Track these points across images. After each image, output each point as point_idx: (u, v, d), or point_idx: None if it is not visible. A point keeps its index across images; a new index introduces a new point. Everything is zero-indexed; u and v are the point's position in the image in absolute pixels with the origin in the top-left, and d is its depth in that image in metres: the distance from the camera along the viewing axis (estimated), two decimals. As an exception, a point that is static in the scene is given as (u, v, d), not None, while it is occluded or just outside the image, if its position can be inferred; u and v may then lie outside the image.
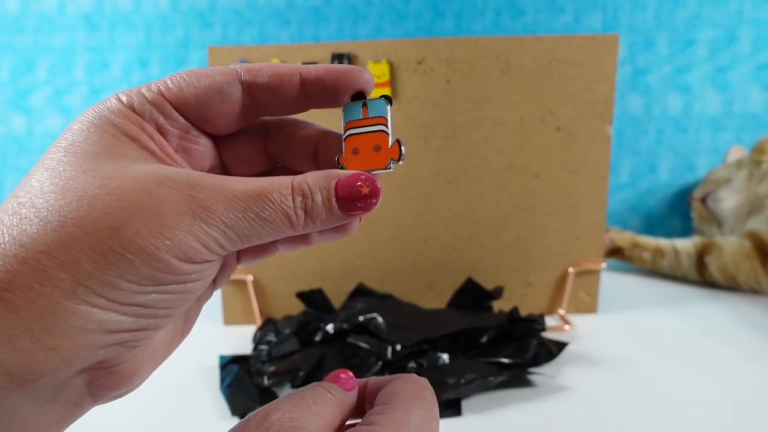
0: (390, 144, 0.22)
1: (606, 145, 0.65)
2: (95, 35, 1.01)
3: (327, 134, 0.24)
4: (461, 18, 0.97)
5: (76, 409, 0.19)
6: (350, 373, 0.24)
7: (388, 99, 0.22)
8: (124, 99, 0.20)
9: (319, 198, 0.20)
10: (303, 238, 0.24)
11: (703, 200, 0.86)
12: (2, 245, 0.16)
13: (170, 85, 0.21)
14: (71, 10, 1.00)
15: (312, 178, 0.20)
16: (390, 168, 0.22)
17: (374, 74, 0.64)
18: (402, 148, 0.22)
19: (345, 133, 0.22)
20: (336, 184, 0.20)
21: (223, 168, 0.24)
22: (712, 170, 0.89)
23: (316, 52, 0.64)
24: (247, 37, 0.99)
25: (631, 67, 0.95)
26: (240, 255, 0.24)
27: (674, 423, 0.45)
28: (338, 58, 0.64)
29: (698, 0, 0.93)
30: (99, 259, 0.16)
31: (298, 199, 0.19)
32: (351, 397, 0.23)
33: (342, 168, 0.22)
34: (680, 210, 0.98)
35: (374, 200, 0.20)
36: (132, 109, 0.20)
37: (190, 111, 0.21)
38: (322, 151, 0.24)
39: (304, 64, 0.23)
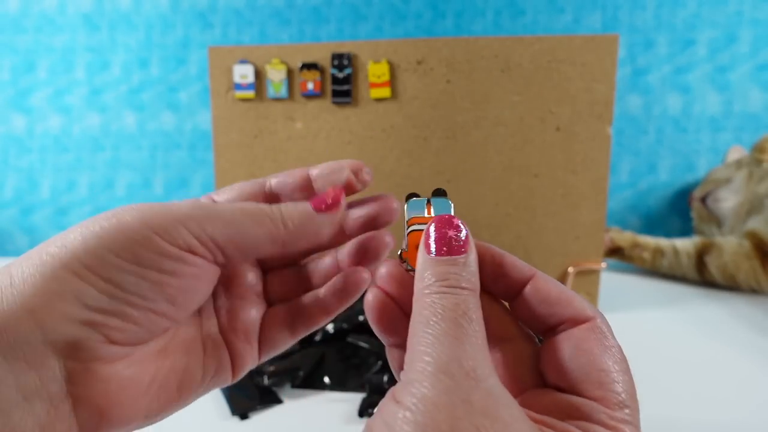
0: None
1: (606, 145, 0.65)
2: (95, 35, 1.01)
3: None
4: (461, 18, 0.97)
5: (57, 420, 0.19)
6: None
7: (445, 193, 0.23)
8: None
9: (293, 204, 0.23)
10: (323, 310, 0.26)
11: (703, 200, 0.86)
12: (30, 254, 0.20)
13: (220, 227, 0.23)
14: (71, 10, 1.00)
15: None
16: None
17: (374, 74, 0.64)
18: None
19: (408, 228, 0.23)
20: (312, 200, 0.23)
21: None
22: (712, 170, 0.89)
23: (316, 51, 0.64)
24: (247, 37, 0.99)
25: (631, 67, 0.95)
26: (260, 351, 0.26)
27: (674, 423, 0.45)
28: (338, 57, 0.64)
29: (698, 0, 0.93)
30: (96, 232, 0.19)
31: (275, 206, 0.23)
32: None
33: (405, 262, 0.23)
34: (680, 210, 0.98)
35: (336, 199, 0.23)
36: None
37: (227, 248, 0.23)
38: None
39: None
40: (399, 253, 0.23)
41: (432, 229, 0.21)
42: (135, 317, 0.20)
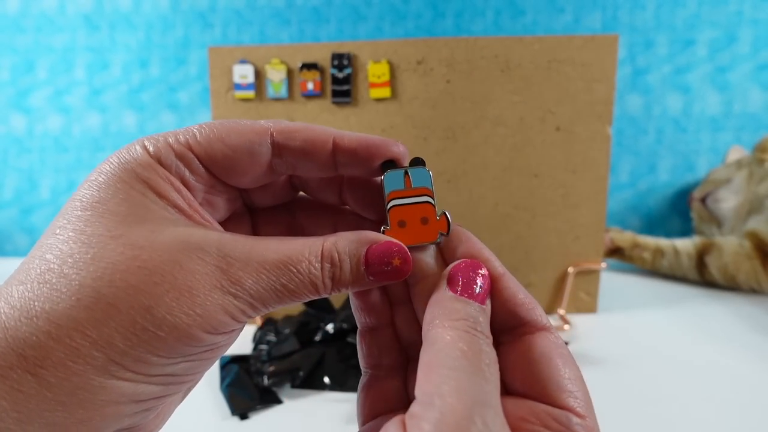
0: (437, 216, 0.22)
1: (606, 145, 0.65)
2: (95, 35, 1.01)
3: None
4: (461, 18, 0.97)
5: None
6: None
7: (422, 162, 0.22)
8: (151, 149, 0.20)
9: (347, 266, 0.20)
10: None
11: (703, 200, 0.86)
12: (34, 319, 0.16)
13: (199, 139, 0.20)
14: (71, 10, 1.00)
15: (343, 243, 0.20)
16: (439, 241, 0.22)
17: (374, 74, 0.64)
18: (449, 219, 0.22)
19: (388, 203, 0.22)
20: (367, 251, 0.20)
21: (245, 201, 0.24)
22: (712, 170, 0.89)
23: (316, 52, 0.64)
24: (247, 37, 0.99)
25: (631, 67, 0.95)
26: None
27: (674, 423, 0.45)
28: (338, 57, 0.64)
29: (698, 0, 0.93)
30: (132, 337, 0.17)
31: (327, 267, 0.20)
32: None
33: None
34: (680, 210, 0.98)
35: (405, 269, 0.20)
36: (159, 161, 0.20)
37: (216, 167, 0.21)
38: (347, 187, 0.24)
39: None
40: (381, 230, 0.22)
41: (460, 269, 0.20)
42: (186, 387, 0.20)
